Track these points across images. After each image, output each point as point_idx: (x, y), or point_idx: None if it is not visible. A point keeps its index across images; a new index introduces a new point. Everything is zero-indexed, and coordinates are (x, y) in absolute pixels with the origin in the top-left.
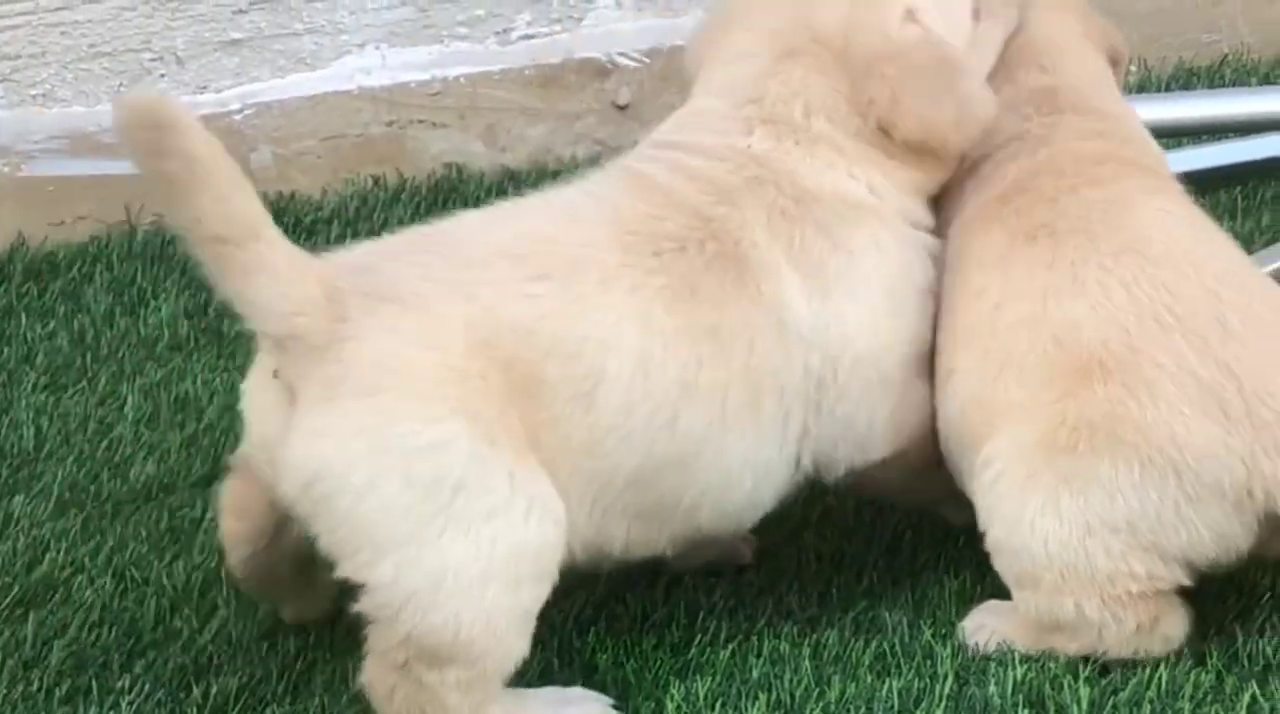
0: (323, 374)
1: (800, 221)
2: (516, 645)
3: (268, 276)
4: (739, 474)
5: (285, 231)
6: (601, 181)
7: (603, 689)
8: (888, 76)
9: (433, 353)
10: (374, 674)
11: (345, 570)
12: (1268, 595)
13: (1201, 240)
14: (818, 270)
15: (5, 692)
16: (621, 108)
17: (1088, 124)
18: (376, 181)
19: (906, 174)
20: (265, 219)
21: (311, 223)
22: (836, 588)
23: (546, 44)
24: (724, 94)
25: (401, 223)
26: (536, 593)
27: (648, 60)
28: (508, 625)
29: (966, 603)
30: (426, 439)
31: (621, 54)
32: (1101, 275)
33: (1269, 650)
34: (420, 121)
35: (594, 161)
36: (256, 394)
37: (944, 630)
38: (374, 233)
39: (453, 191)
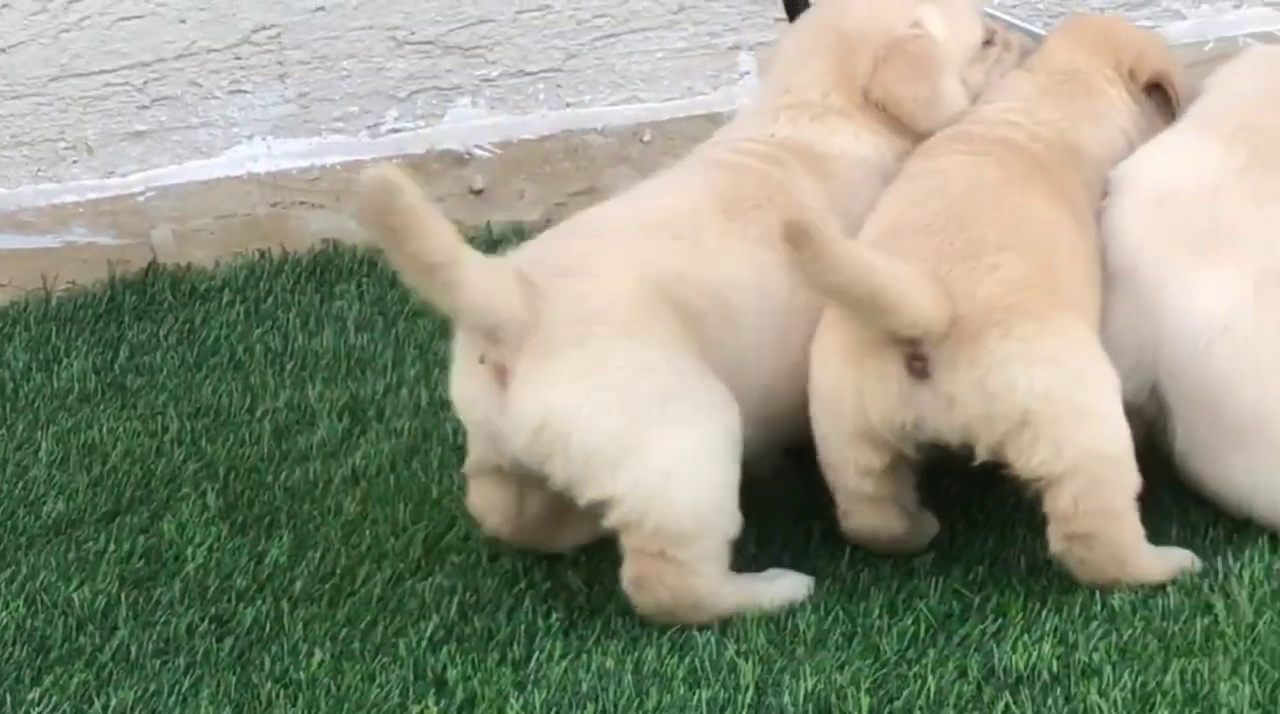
0: (535, 341)
1: (828, 180)
2: (735, 515)
3: (472, 285)
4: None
5: (183, 299)
6: (687, 169)
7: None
8: (877, 55)
9: (617, 301)
10: (637, 570)
11: (590, 493)
12: (1019, 615)
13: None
14: (848, 216)
15: None
16: (477, 192)
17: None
18: (263, 255)
19: (895, 138)
20: (461, 245)
21: (205, 291)
22: None
23: (412, 136)
24: (766, 92)
25: (285, 291)
26: (736, 471)
27: (500, 151)
28: (727, 496)
29: (764, 624)
30: (632, 367)
31: (477, 146)
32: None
33: (1020, 664)
34: (301, 203)
35: None
36: (466, 386)
37: (745, 648)
38: (260, 300)
39: (329, 264)
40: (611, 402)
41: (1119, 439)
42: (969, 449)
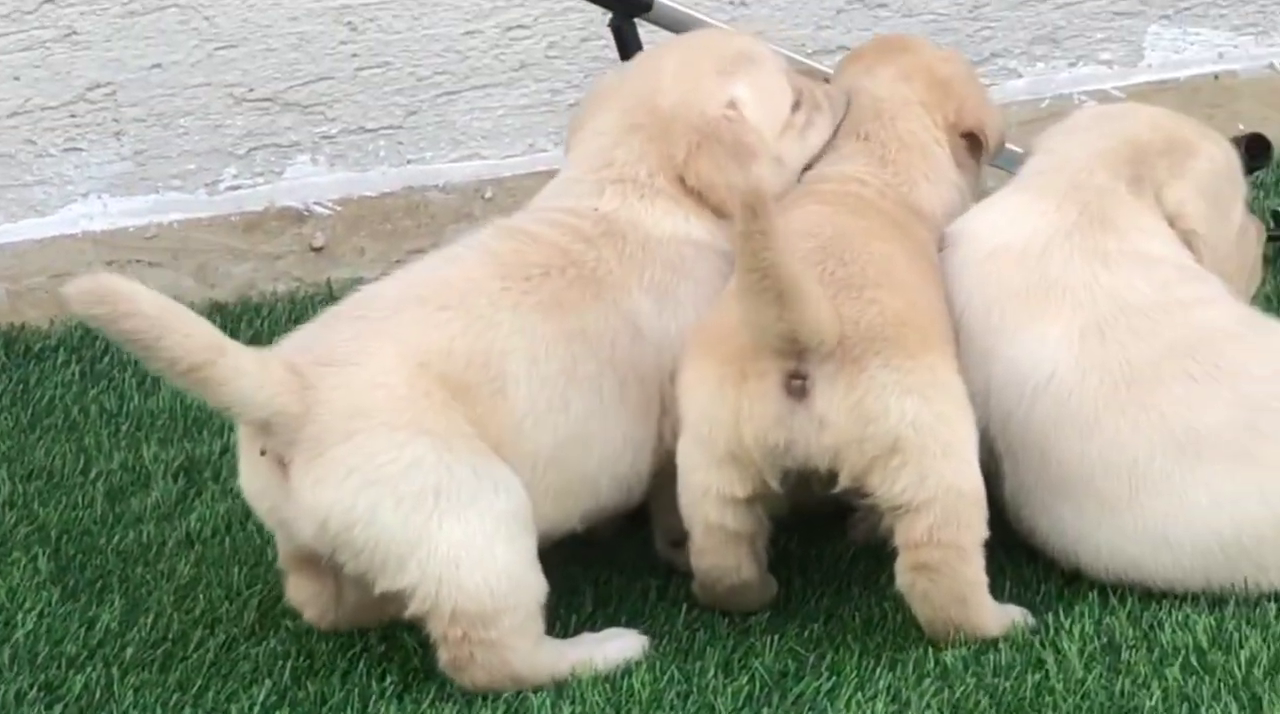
0: (308, 435)
1: (649, 262)
2: (537, 582)
3: (242, 379)
4: (623, 449)
5: (16, 359)
6: (477, 235)
7: None
8: (690, 141)
9: (383, 391)
10: (450, 655)
11: (382, 585)
12: (853, 672)
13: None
14: (668, 295)
15: None
16: (317, 249)
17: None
18: None
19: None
20: (223, 339)
21: (40, 350)
22: None
23: (250, 194)
24: (582, 163)
25: (120, 351)
26: (530, 541)
27: (340, 208)
28: (522, 570)
29: (599, 684)
30: (402, 461)
31: (317, 203)
32: None
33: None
34: (137, 261)
35: (293, 297)
36: (252, 478)
37: (580, 709)
38: (96, 360)
39: None
40: (385, 497)
41: (976, 481)
42: (833, 475)
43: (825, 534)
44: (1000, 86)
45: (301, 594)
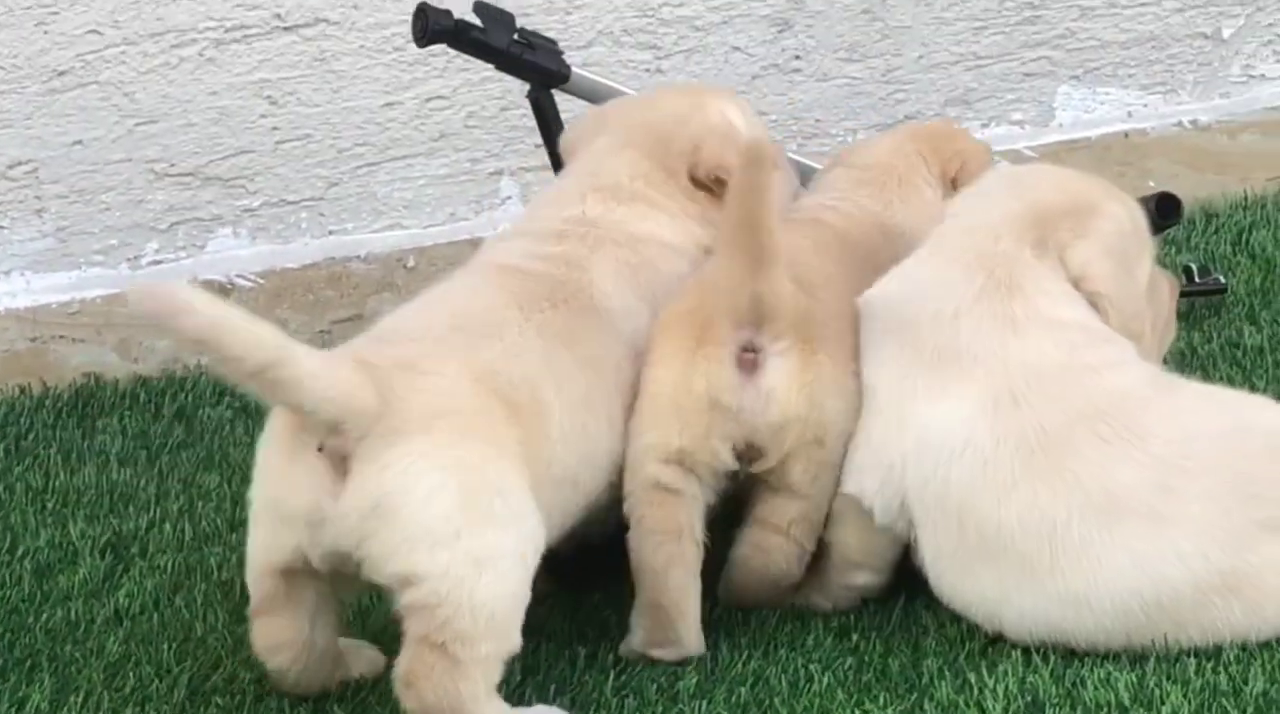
0: (383, 426)
1: (640, 265)
2: (519, 633)
3: (310, 380)
4: (612, 466)
5: None
6: (473, 274)
7: None
8: (694, 137)
9: (459, 396)
10: (410, 665)
11: (396, 567)
12: None
13: None
14: (644, 289)
15: None
16: None
17: None
18: (23, 391)
19: (700, 228)
20: (289, 341)
21: None
22: None
23: (173, 268)
24: (573, 174)
25: (45, 427)
26: (529, 586)
27: (262, 281)
28: (518, 608)
29: None
30: (473, 459)
31: (239, 276)
32: None
33: None
34: (61, 337)
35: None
36: (296, 476)
37: None
38: (21, 437)
39: (91, 398)
40: (449, 486)
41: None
42: (758, 454)
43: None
44: None
45: (273, 638)
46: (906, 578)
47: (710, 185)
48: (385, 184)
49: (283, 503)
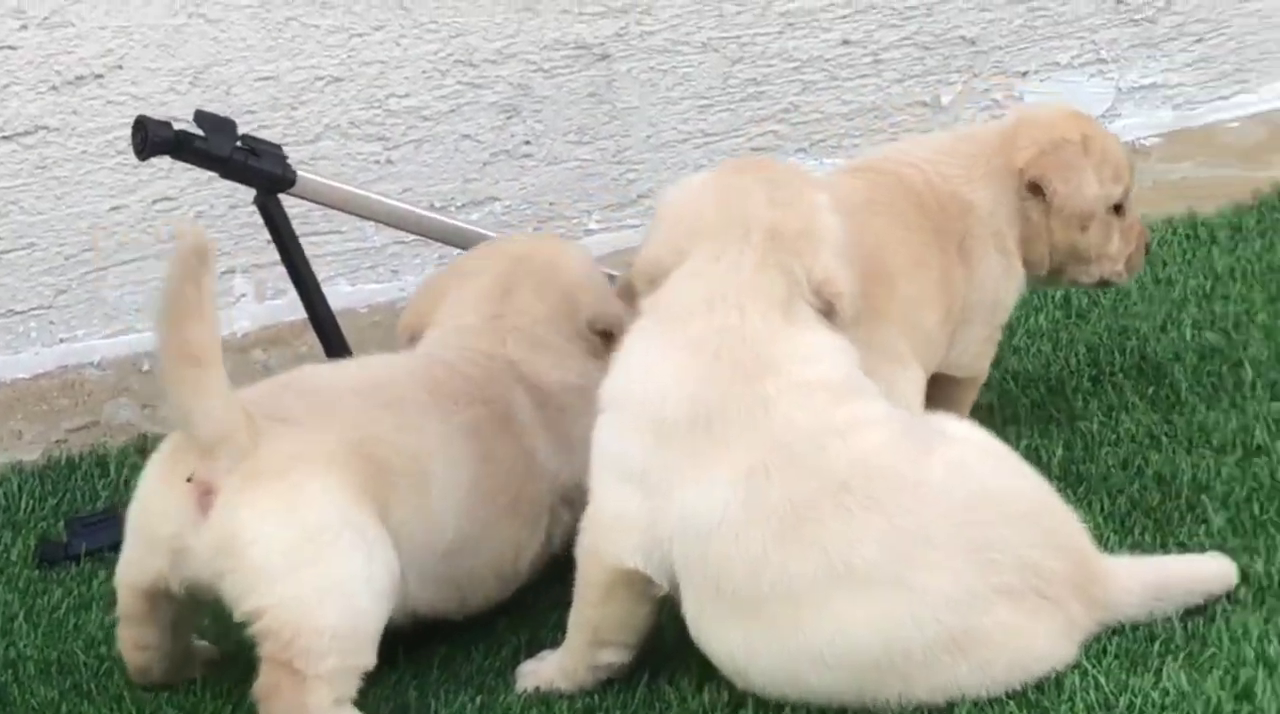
0: (246, 468)
1: (547, 408)
2: (370, 651)
3: (216, 397)
4: (510, 553)
5: None
6: (409, 355)
7: None
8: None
9: (320, 448)
10: (264, 677)
11: (248, 606)
12: None
13: None
14: (563, 436)
15: None
16: None
17: None
18: None
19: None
20: (220, 352)
21: None
22: None
23: None
24: (475, 311)
25: None
26: (385, 611)
27: None
28: (367, 631)
29: None
30: (319, 502)
31: None
32: None
33: None
34: None
35: None
36: (165, 501)
37: None
38: None
39: None
40: (293, 525)
41: None
42: None
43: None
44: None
45: (136, 642)
46: (650, 655)
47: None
48: (115, 288)
49: (151, 527)
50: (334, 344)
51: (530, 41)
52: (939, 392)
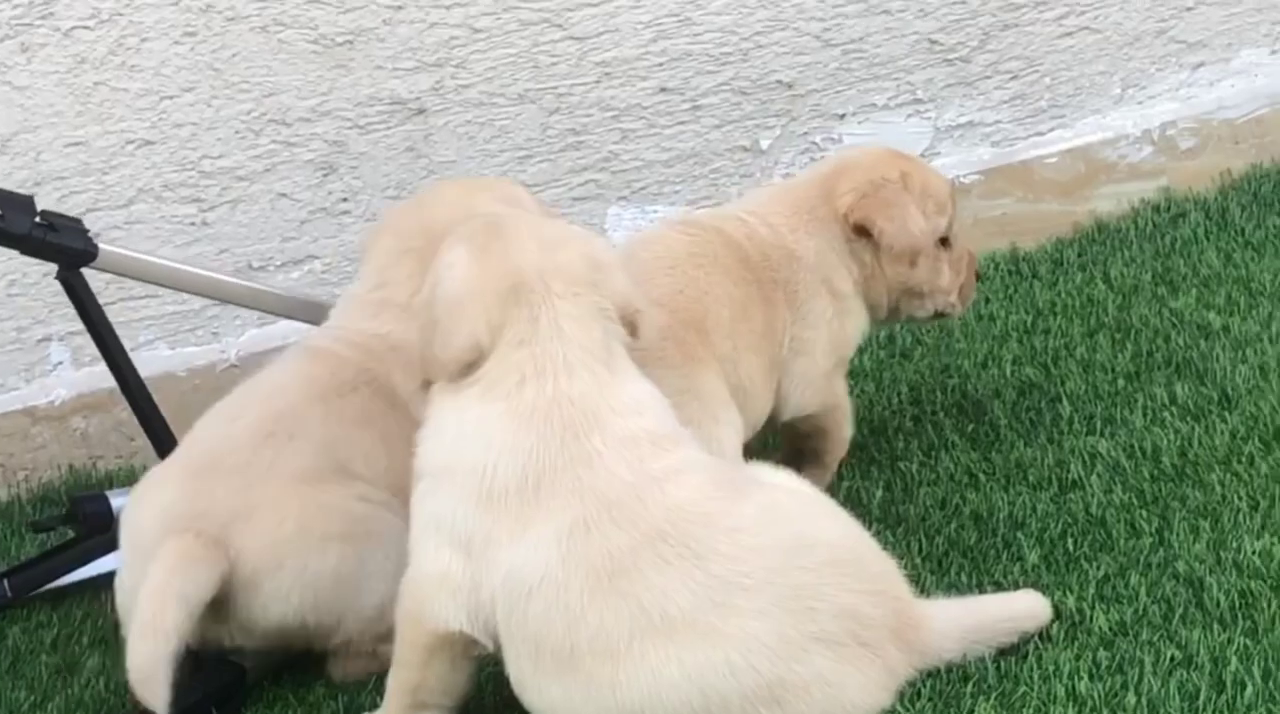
0: None
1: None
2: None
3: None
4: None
5: None
6: (292, 359)
7: None
8: None
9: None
10: (349, 665)
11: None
12: None
13: None
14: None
15: None
16: None
17: None
18: None
19: None
20: None
21: None
22: None
23: None
24: (365, 280)
25: None
26: None
27: None
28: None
29: None
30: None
31: None
32: None
33: None
34: None
35: None
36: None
37: None
38: None
39: None
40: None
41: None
42: None
43: None
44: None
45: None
46: None
47: None
48: None
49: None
50: (147, 415)
51: (344, 98)
52: (804, 437)
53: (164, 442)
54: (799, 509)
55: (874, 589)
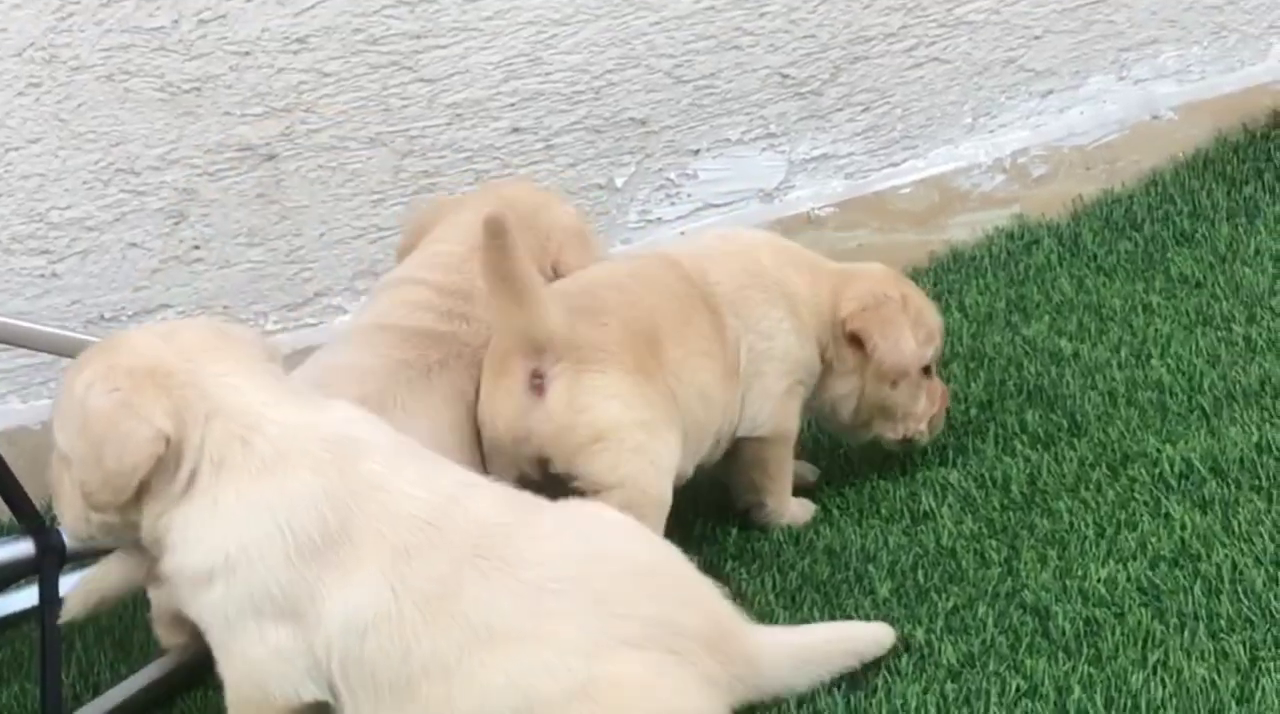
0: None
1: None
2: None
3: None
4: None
5: None
6: (381, 342)
7: None
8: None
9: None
10: None
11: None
12: None
13: None
14: None
15: None
16: None
17: None
18: None
19: None
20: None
21: None
22: None
23: None
24: (445, 239)
25: None
26: None
27: None
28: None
29: None
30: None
31: None
32: None
33: None
34: None
35: None
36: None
37: None
38: None
39: None
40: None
41: (659, 483)
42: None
43: None
44: (329, 325)
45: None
46: None
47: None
48: None
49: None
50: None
51: (193, 145)
52: (748, 455)
53: (16, 501)
54: (597, 528)
55: (682, 599)
